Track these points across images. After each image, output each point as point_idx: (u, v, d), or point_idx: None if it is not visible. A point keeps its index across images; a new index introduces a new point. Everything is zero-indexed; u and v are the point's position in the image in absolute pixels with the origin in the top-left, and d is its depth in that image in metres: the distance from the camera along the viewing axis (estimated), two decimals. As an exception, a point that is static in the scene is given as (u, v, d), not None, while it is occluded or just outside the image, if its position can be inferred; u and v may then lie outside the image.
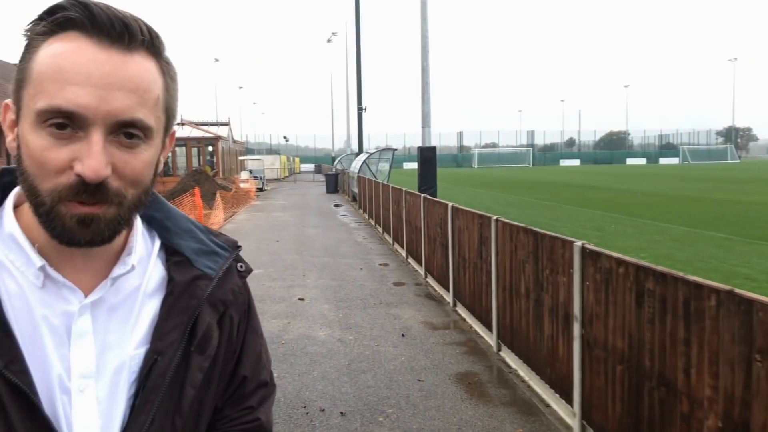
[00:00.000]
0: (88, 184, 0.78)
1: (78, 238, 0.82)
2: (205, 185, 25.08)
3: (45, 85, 0.78)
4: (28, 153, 0.80)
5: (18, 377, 0.79)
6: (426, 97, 15.65)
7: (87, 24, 0.79)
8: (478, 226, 7.13)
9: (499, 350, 6.36)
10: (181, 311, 0.94)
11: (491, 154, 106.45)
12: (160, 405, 0.89)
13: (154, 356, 0.90)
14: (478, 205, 18.70)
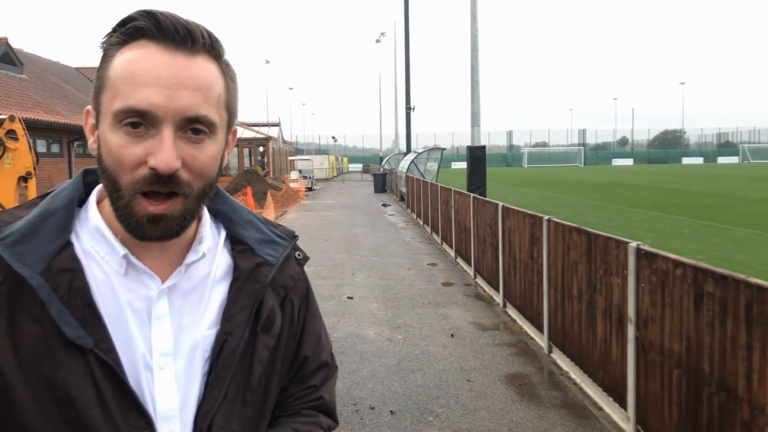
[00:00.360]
0: (160, 175, 0.86)
1: (149, 235, 0.90)
2: (256, 185, 25.52)
3: (120, 88, 0.87)
4: (107, 151, 0.88)
5: (107, 355, 0.87)
6: (475, 95, 15.54)
7: (155, 31, 0.87)
8: (529, 226, 7.06)
9: (550, 352, 6.28)
10: (246, 295, 1.01)
11: (541, 154, 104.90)
12: (232, 380, 0.97)
13: (224, 336, 0.98)
14: (529, 205, 18.48)
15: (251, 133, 39.46)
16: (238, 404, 0.98)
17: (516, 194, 28.10)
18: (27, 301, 0.86)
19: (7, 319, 0.85)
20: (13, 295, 0.86)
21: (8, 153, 6.30)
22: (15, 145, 6.32)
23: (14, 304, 0.86)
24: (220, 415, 0.95)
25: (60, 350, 0.86)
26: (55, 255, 0.89)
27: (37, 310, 0.86)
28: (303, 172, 37.92)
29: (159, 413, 0.91)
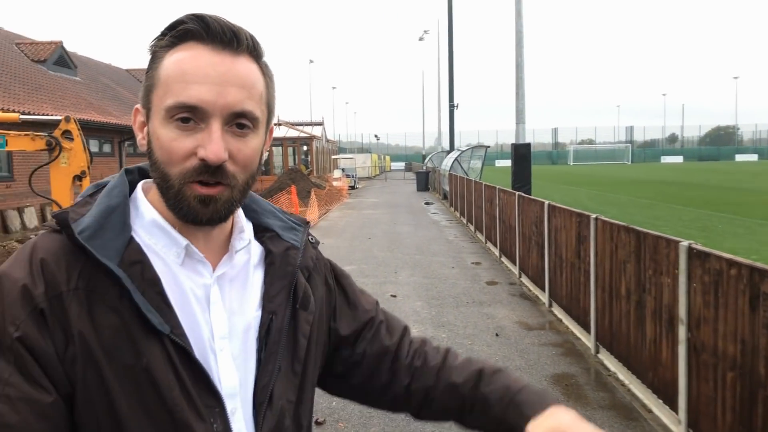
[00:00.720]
0: (209, 166, 0.92)
1: (200, 217, 0.96)
2: (300, 183, 25.79)
3: (172, 86, 0.93)
4: (159, 145, 0.95)
5: (181, 339, 0.92)
6: (520, 93, 15.37)
7: (203, 34, 0.94)
8: (576, 225, 6.95)
9: (597, 352, 6.17)
10: (281, 277, 1.09)
11: (587, 151, 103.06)
12: (282, 355, 1.04)
13: (269, 316, 1.05)
14: (575, 203, 18.18)
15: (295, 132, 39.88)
16: (290, 376, 1.05)
17: (561, 192, 27.69)
18: (103, 293, 0.91)
19: (87, 313, 0.90)
20: (90, 289, 0.91)
21: (64, 153, 6.52)
22: (70, 145, 6.53)
23: (92, 297, 0.90)
24: (277, 387, 1.02)
25: (140, 338, 0.90)
26: (124, 249, 0.94)
27: (115, 301, 0.91)
28: (346, 170, 38.13)
29: (224, 391, 0.97)
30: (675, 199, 22.91)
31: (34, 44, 23.93)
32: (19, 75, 20.04)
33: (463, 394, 1.19)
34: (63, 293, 0.89)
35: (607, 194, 26.77)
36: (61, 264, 0.91)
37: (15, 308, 0.87)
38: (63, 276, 0.90)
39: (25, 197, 17.02)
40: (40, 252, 0.92)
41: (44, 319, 0.87)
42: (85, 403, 0.88)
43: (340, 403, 5.03)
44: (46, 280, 0.89)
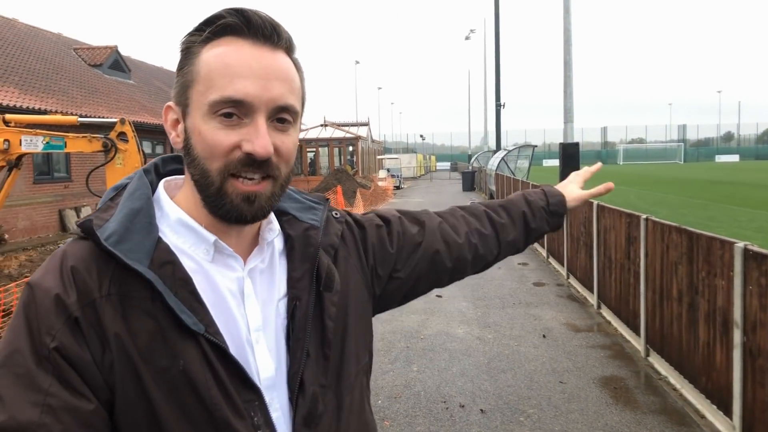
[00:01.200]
0: (254, 160, 0.92)
1: (244, 215, 0.96)
2: (346, 183, 25.99)
3: (215, 81, 0.92)
4: (200, 140, 0.94)
5: (216, 338, 0.92)
6: (568, 91, 15.14)
7: (244, 28, 0.94)
8: (625, 225, 6.82)
9: (648, 355, 6.05)
10: (303, 260, 1.08)
11: (638, 150, 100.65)
12: (309, 340, 1.03)
13: (293, 301, 1.04)
14: (624, 204, 17.78)
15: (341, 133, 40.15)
16: (319, 360, 1.03)
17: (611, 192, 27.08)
18: (136, 298, 0.90)
19: (122, 318, 0.89)
20: (123, 294, 0.90)
21: (119, 154, 6.74)
22: (125, 147, 6.75)
23: (125, 302, 0.90)
24: (307, 373, 1.01)
25: (175, 339, 0.90)
26: (153, 250, 0.93)
27: (148, 304, 0.90)
28: (391, 170, 38.22)
29: (263, 383, 0.97)
30: (730, 200, 22.19)
31: (91, 49, 24.74)
32: (77, 79, 20.76)
33: (519, 239, 1.52)
34: (96, 300, 0.89)
35: (657, 194, 26.11)
36: (92, 271, 0.91)
37: (50, 318, 0.87)
38: (95, 283, 0.90)
39: (81, 197, 17.63)
40: (70, 260, 0.92)
41: (79, 328, 0.87)
42: (124, 408, 0.89)
43: (386, 402, 5.07)
44: (78, 288, 0.89)
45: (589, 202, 8.41)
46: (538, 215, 1.53)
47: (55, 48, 22.64)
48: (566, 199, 1.59)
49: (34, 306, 0.89)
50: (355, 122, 47.69)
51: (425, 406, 5.00)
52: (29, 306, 0.89)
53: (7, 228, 14.61)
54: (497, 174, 23.49)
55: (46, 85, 18.03)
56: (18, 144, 6.78)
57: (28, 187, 15.74)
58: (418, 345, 6.57)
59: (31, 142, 6.86)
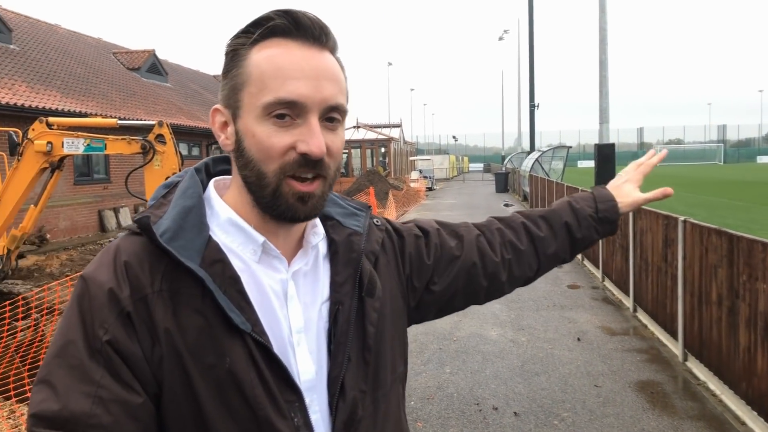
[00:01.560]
0: (309, 160, 0.94)
1: (298, 214, 0.97)
2: (378, 185, 26.05)
3: (267, 82, 0.93)
4: (254, 142, 0.95)
5: (262, 337, 0.94)
6: (604, 91, 14.93)
7: (293, 29, 0.95)
8: (662, 228, 6.71)
9: (686, 360, 5.93)
10: (346, 265, 1.08)
11: (675, 151, 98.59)
12: (350, 345, 1.03)
13: (336, 306, 1.04)
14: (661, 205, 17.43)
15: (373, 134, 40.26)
16: (360, 365, 1.04)
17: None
18: (186, 295, 0.92)
19: (172, 314, 0.91)
20: (174, 290, 0.92)
21: (157, 156, 6.86)
22: (163, 149, 6.87)
23: (175, 299, 0.92)
24: (348, 377, 1.01)
25: (223, 337, 0.91)
26: (205, 248, 0.95)
27: (198, 301, 0.92)
28: (423, 172, 38.15)
29: (303, 385, 0.97)
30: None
31: (129, 53, 25.26)
32: (116, 82, 21.22)
33: (564, 251, 1.43)
34: (148, 295, 0.91)
35: (696, 196, 25.57)
36: (144, 266, 0.93)
37: (103, 312, 0.89)
38: (147, 278, 0.92)
39: (120, 198, 18.01)
40: (124, 254, 0.94)
41: (131, 322, 0.89)
42: (171, 403, 0.91)
43: (419, 403, 5.07)
44: (131, 283, 0.91)
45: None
46: (584, 224, 1.42)
47: (95, 52, 23.18)
48: (619, 205, 1.44)
49: (87, 299, 0.91)
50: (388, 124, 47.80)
51: (458, 408, 4.99)
52: (83, 298, 0.92)
53: (49, 228, 15.01)
54: (531, 175, 23.28)
55: (87, 89, 18.47)
56: (60, 146, 6.96)
57: (69, 188, 16.14)
58: (451, 347, 6.55)
59: (73, 144, 7.04)
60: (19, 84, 15.29)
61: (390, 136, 41.19)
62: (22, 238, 7.80)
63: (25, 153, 6.97)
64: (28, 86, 15.52)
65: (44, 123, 7.00)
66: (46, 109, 14.40)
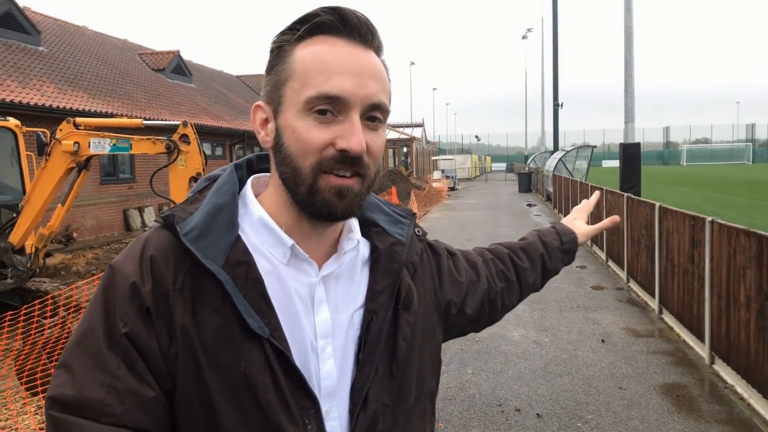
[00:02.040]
0: (348, 157, 0.92)
1: (336, 210, 0.95)
2: (400, 184, 26.03)
3: (311, 77, 0.92)
4: (294, 137, 0.94)
5: (280, 342, 0.92)
6: (629, 90, 14.75)
7: (340, 26, 0.94)
8: (689, 228, 6.60)
9: (712, 363, 5.83)
10: (386, 275, 1.06)
11: (702, 151, 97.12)
12: (380, 357, 1.01)
13: (370, 315, 1.02)
14: (688, 206, 17.21)
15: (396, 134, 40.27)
16: (387, 379, 1.02)
17: (673, 194, 26.30)
18: (207, 295, 0.91)
19: (191, 313, 0.91)
20: (195, 289, 0.92)
21: (181, 156, 6.92)
22: (187, 148, 6.92)
23: (196, 298, 0.91)
24: (373, 389, 0.99)
25: (240, 340, 0.90)
26: (230, 249, 0.94)
27: (218, 302, 0.91)
28: (445, 171, 38.04)
29: (322, 391, 0.96)
30: (803, 202, 21.18)
31: (154, 54, 25.55)
32: (141, 83, 21.48)
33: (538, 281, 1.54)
34: (169, 292, 0.91)
35: (723, 196, 25.16)
36: (169, 262, 0.93)
37: (124, 304, 0.90)
38: (170, 275, 0.92)
39: (145, 197, 18.22)
40: (151, 248, 0.94)
41: (150, 317, 0.90)
42: (184, 399, 0.91)
43: (440, 403, 5.05)
44: (154, 279, 0.92)
45: (651, 204, 8.18)
46: (554, 255, 1.56)
47: (121, 54, 23.48)
48: (577, 236, 1.63)
49: (112, 289, 0.92)
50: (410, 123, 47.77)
51: (480, 409, 4.96)
52: (108, 288, 0.93)
53: (76, 227, 15.24)
54: (555, 175, 23.09)
55: (113, 90, 18.72)
56: (87, 146, 7.05)
57: (95, 187, 16.37)
58: (473, 347, 6.52)
59: (99, 144, 7.13)
60: (47, 85, 15.54)
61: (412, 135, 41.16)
62: (50, 237, 7.92)
63: (52, 153, 7.08)
64: (55, 87, 15.77)
65: (71, 123, 7.10)
66: (73, 110, 14.62)
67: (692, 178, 43.02)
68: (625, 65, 14.83)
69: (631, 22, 14.80)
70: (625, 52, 14.85)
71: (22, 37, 17.02)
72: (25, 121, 9.52)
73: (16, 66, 15.33)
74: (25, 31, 17.25)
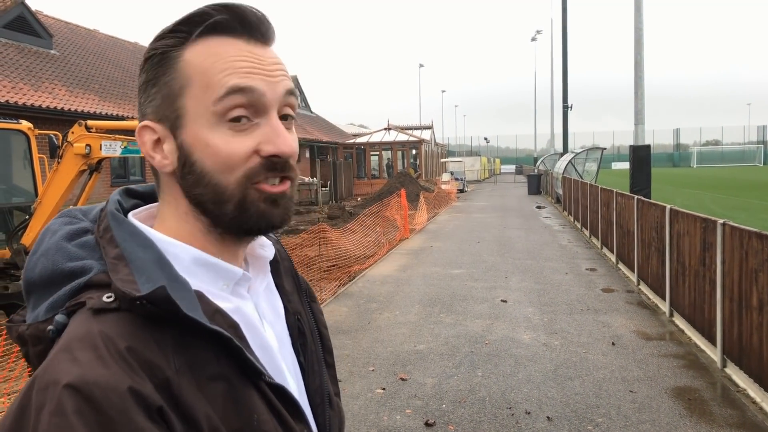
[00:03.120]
0: (277, 162, 0.82)
1: (273, 220, 0.84)
2: (409, 187, 26.02)
3: (214, 77, 0.80)
4: (209, 153, 0.80)
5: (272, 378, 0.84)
6: (639, 92, 14.70)
7: (237, 25, 0.82)
8: (700, 231, 6.57)
9: (724, 366, 5.79)
10: (286, 273, 1.02)
11: (713, 153, 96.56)
12: (317, 351, 1.00)
13: (295, 316, 0.98)
14: (698, 208, 17.12)
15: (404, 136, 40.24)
16: (329, 369, 1.02)
17: (684, 196, 26.17)
18: (202, 363, 0.77)
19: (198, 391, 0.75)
20: (191, 364, 0.76)
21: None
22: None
23: (196, 374, 0.76)
24: (325, 384, 0.98)
25: (246, 395, 0.80)
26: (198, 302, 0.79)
27: (214, 366, 0.77)
28: (455, 173, 37.99)
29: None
30: (815, 204, 21.01)
31: (165, 57, 25.67)
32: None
33: None
34: (170, 379, 0.72)
35: (735, 198, 25.00)
36: (151, 346, 0.72)
37: (131, 421, 0.65)
38: (161, 360, 0.72)
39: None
40: (119, 340, 0.71)
41: (164, 420, 0.69)
42: None
43: (450, 406, 5.04)
44: (148, 373, 0.70)
45: (662, 207, 8.15)
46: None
47: (131, 56, 23.63)
48: None
49: (95, 413, 0.64)
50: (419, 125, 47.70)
51: (490, 412, 4.95)
52: (83, 415, 0.64)
53: (87, 229, 15.33)
54: (564, 177, 23.02)
55: (123, 92, 18.84)
56: (98, 149, 7.11)
57: (107, 189, 16.46)
58: (483, 350, 6.51)
59: (111, 146, 7.18)
60: (59, 88, 15.66)
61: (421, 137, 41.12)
62: (62, 239, 7.97)
63: (64, 155, 7.13)
64: (67, 90, 15.89)
65: (83, 126, 7.16)
66: (84, 113, 14.73)
67: (703, 180, 42.78)
68: (635, 67, 14.78)
69: (641, 24, 14.75)
70: (635, 54, 14.80)
71: (34, 40, 17.16)
72: (37, 123, 9.60)
73: (29, 69, 15.45)
74: (38, 34, 17.39)
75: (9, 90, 13.47)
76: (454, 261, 12.03)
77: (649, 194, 13.55)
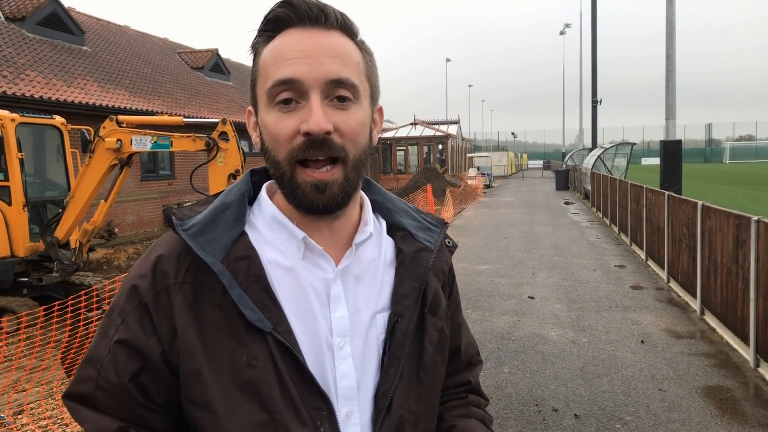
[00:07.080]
0: (314, 140, 0.91)
1: (315, 203, 0.94)
2: (435, 182, 25.93)
3: (269, 70, 0.94)
4: (266, 132, 0.96)
5: (285, 338, 0.91)
6: (671, 86, 14.43)
7: (292, 16, 0.94)
8: (733, 228, 6.44)
9: (757, 366, 5.68)
10: (412, 278, 1.04)
11: (747, 148, 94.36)
12: (406, 360, 0.99)
13: (395, 317, 1.00)
14: (731, 205, 16.78)
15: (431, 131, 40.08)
16: (413, 384, 1.00)
17: (716, 192, 25.66)
18: (209, 289, 0.92)
19: (191, 306, 0.92)
20: (197, 283, 0.93)
21: (221, 153, 7.02)
22: (226, 146, 7.01)
23: (197, 292, 0.93)
24: (398, 394, 0.97)
25: (242, 334, 0.90)
26: (232, 244, 0.95)
27: (219, 296, 0.91)
28: (481, 169, 37.78)
29: (339, 392, 0.94)
30: None
31: (193, 52, 25.94)
32: (181, 81, 21.83)
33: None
34: (170, 287, 0.94)
35: (769, 195, 24.44)
36: (172, 259, 0.96)
37: (125, 305, 0.97)
38: (173, 270, 0.95)
39: (184, 194, 18.53)
40: (161, 248, 0.99)
41: (148, 313, 0.94)
42: (184, 395, 0.92)
43: (476, 402, 5.02)
44: (156, 276, 0.95)
45: (693, 203, 8.00)
46: None
47: (161, 52, 23.90)
48: None
49: (127, 285, 0.99)
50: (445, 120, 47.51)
51: (517, 409, 4.92)
52: (131, 280, 1.00)
53: (117, 222, 15.57)
54: (593, 173, 22.74)
55: (153, 88, 19.08)
56: (129, 143, 7.20)
57: (136, 184, 16.71)
58: (510, 346, 6.47)
59: (141, 141, 7.28)
60: (91, 84, 15.91)
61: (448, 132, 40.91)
62: (93, 232, 8.12)
63: (96, 150, 7.25)
64: (99, 86, 16.14)
65: (114, 121, 7.26)
66: (115, 108, 14.95)
67: (736, 176, 41.90)
68: (666, 61, 14.51)
69: (673, 16, 14.48)
70: (667, 48, 14.54)
71: (67, 37, 17.45)
72: (69, 118, 9.78)
73: (62, 65, 15.72)
74: (70, 31, 17.68)
75: (43, 86, 13.73)
76: (480, 257, 11.97)
77: (680, 190, 13.31)
